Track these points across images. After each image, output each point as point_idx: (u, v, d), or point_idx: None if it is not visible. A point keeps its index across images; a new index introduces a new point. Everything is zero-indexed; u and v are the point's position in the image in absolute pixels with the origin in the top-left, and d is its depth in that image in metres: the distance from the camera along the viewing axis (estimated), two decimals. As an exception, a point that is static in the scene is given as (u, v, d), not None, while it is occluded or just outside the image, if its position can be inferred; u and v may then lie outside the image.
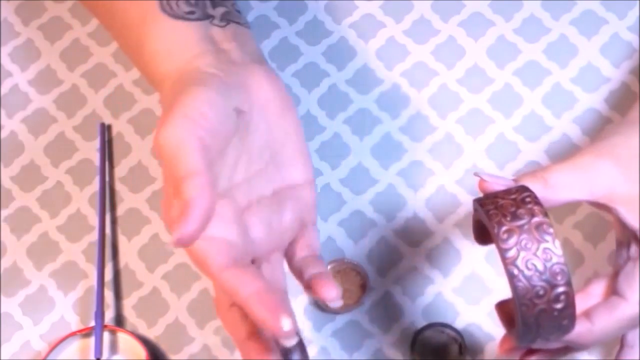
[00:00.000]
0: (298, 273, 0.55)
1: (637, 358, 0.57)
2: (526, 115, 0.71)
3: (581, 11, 0.73)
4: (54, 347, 0.65)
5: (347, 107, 0.72)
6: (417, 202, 0.69)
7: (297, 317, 0.66)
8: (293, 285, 0.67)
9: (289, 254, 0.56)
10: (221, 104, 0.51)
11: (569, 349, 0.55)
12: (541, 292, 0.48)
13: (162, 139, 0.49)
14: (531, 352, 0.56)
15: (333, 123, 0.72)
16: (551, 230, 0.49)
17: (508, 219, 0.49)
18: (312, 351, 0.66)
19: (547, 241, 0.48)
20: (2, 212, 0.72)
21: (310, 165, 0.57)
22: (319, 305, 0.67)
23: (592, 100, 0.70)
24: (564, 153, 0.69)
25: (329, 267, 0.66)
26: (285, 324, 0.47)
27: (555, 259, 0.48)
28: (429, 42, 0.74)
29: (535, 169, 0.54)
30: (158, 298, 0.68)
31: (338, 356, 0.65)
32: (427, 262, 0.67)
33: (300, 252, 0.55)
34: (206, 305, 0.68)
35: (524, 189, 0.51)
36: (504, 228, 0.49)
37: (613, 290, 0.54)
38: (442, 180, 0.70)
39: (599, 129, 0.69)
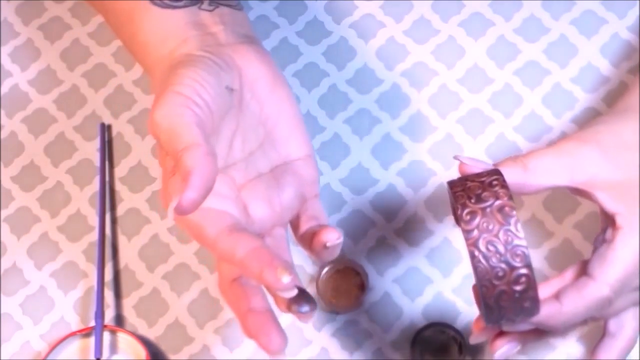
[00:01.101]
0: (305, 244, 0.55)
1: (618, 347, 0.57)
2: (526, 115, 0.71)
3: (581, 11, 0.73)
4: (54, 347, 0.65)
5: (347, 107, 0.72)
6: (417, 202, 0.69)
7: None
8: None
9: (294, 228, 0.56)
10: (212, 82, 0.52)
11: (541, 332, 0.55)
12: (500, 274, 0.49)
13: (158, 116, 0.49)
14: (501, 334, 0.56)
15: (333, 123, 0.72)
16: (514, 213, 0.49)
17: (472, 200, 0.50)
18: (312, 351, 0.66)
19: (509, 224, 0.49)
20: (2, 212, 0.72)
21: (307, 140, 0.57)
22: (319, 305, 0.67)
23: (591, 100, 0.70)
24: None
25: (328, 267, 0.66)
26: (284, 277, 0.47)
27: (516, 242, 0.49)
28: (429, 42, 0.74)
29: (517, 154, 0.54)
30: (158, 298, 0.68)
31: (338, 356, 0.65)
32: (427, 261, 0.67)
33: (305, 225, 0.55)
34: (206, 305, 0.68)
35: (495, 172, 0.51)
36: (467, 210, 0.50)
37: (584, 272, 0.54)
38: (442, 180, 0.70)
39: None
